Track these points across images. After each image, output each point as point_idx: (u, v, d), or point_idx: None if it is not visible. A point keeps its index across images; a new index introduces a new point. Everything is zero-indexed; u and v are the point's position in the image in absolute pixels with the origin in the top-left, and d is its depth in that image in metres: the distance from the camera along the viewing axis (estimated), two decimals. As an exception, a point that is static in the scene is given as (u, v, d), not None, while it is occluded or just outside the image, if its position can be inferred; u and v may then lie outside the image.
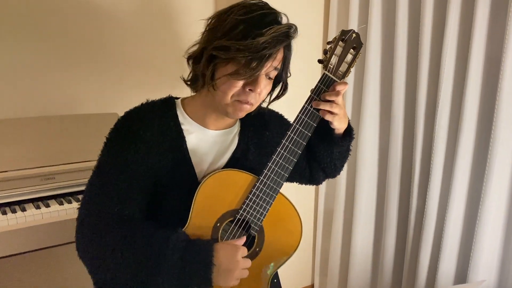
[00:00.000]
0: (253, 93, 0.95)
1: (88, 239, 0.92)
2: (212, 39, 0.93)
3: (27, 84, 1.58)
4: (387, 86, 1.91)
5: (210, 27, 0.96)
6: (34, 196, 1.41)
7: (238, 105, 0.96)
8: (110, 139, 0.99)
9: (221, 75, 0.93)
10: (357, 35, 1.00)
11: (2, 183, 1.35)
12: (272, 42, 0.89)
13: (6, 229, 1.27)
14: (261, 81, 0.95)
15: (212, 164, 1.05)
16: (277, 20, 0.94)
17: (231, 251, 0.92)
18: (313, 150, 1.16)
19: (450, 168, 1.65)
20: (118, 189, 0.94)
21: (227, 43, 0.89)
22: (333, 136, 1.10)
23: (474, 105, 1.54)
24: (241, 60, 0.90)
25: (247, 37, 0.89)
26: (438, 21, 1.64)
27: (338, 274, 2.26)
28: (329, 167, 1.20)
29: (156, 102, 1.04)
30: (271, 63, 0.94)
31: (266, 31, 0.89)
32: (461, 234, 1.66)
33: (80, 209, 0.96)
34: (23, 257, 1.64)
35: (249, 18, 0.90)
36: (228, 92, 0.94)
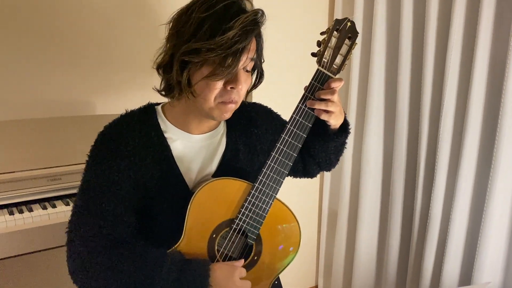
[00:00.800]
0: (235, 90, 0.90)
1: (78, 265, 0.89)
2: (179, 43, 0.86)
3: (33, 86, 1.60)
4: (391, 87, 1.91)
5: (173, 31, 0.89)
6: (41, 196, 1.42)
7: (223, 106, 0.91)
8: (91, 157, 0.95)
9: (198, 80, 0.87)
10: (352, 23, 0.93)
11: (9, 183, 1.36)
12: (242, 34, 0.83)
13: (14, 229, 1.28)
14: (241, 77, 0.89)
15: (201, 170, 1.01)
16: (241, 8, 0.87)
17: (227, 271, 0.89)
18: (308, 145, 1.10)
19: (455, 169, 1.65)
20: (103, 210, 0.90)
21: (197, 45, 0.83)
22: (329, 131, 1.05)
23: (479, 106, 1.53)
24: (215, 60, 0.84)
25: (216, 34, 0.82)
26: (443, 20, 1.64)
27: (342, 275, 2.26)
28: (324, 162, 1.15)
29: (135, 112, 0.99)
30: (247, 55, 0.88)
31: (233, 23, 0.82)
32: (466, 235, 1.65)
33: (67, 234, 0.93)
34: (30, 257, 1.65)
35: (212, 13, 0.84)
36: (209, 96, 0.88)
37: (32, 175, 1.39)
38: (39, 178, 1.41)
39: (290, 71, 1.99)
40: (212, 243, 0.95)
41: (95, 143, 0.96)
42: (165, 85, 0.96)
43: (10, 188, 1.36)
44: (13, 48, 1.54)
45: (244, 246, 0.99)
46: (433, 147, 1.73)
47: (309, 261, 2.44)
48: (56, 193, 1.44)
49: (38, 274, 1.73)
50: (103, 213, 0.90)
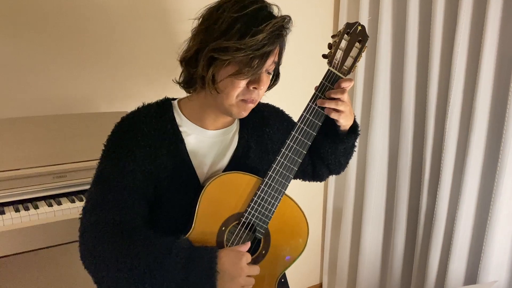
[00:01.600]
0: (256, 91, 0.93)
1: (91, 250, 0.91)
2: (208, 40, 0.89)
3: (39, 83, 1.60)
4: (397, 84, 1.90)
5: (202, 27, 0.92)
6: (46, 193, 1.42)
7: (243, 104, 0.95)
8: (108, 146, 0.98)
9: (223, 77, 0.90)
10: (363, 27, 0.97)
11: (15, 181, 1.36)
12: (271, 38, 0.87)
13: (20, 226, 1.29)
14: (264, 78, 0.93)
15: (213, 165, 1.03)
16: (271, 13, 0.91)
17: (235, 258, 0.90)
18: (317, 147, 1.13)
19: (460, 167, 1.64)
20: (118, 198, 0.92)
21: (226, 44, 0.86)
22: (339, 133, 1.08)
23: (486, 104, 1.53)
24: (242, 60, 0.87)
25: (246, 35, 0.86)
26: (449, 17, 1.63)
27: (347, 273, 2.26)
28: (334, 164, 1.17)
29: (152, 105, 1.02)
30: (272, 58, 0.92)
31: (264, 27, 0.86)
32: (472, 234, 1.64)
33: (81, 220, 0.95)
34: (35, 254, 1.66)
35: (244, 14, 0.87)
36: (232, 93, 0.92)
37: (38, 172, 1.40)
38: (45, 175, 1.41)
39: (296, 73, 1.99)
40: (221, 236, 0.97)
41: (112, 133, 0.99)
42: (187, 78, 0.99)
43: (15, 185, 1.37)
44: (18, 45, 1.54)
45: (253, 240, 1.00)
46: (439, 146, 1.72)
47: (314, 259, 2.44)
48: (62, 190, 1.44)
49: (44, 271, 1.74)
50: (116, 201, 0.92)
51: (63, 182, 1.44)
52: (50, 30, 1.59)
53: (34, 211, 1.34)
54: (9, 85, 1.55)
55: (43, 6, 1.55)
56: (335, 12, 2.14)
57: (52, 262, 1.75)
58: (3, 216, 1.29)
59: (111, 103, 1.73)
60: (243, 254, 0.91)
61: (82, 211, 0.96)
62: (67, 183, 1.44)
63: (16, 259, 1.66)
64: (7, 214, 1.30)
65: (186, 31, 1.00)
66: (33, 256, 1.69)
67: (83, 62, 1.66)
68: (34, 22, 1.55)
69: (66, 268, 1.78)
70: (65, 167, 1.44)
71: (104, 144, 0.99)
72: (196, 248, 0.90)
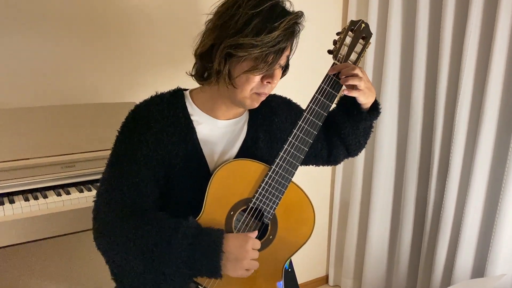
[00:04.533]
0: (269, 85, 0.97)
1: (103, 230, 0.94)
2: (224, 36, 0.91)
3: (48, 74, 1.61)
4: (406, 77, 1.89)
5: (218, 23, 0.94)
6: (55, 183, 1.44)
7: (256, 97, 0.98)
8: (121, 132, 1.01)
9: (238, 73, 0.93)
10: (366, 25, 1.00)
11: (24, 170, 1.38)
12: (286, 35, 0.90)
13: (29, 215, 1.30)
14: (278, 73, 0.96)
15: (222, 154, 1.06)
16: (285, 9, 0.94)
17: (241, 240, 0.92)
18: (338, 127, 1.16)
19: (469, 161, 1.63)
20: (130, 181, 0.96)
21: (243, 40, 0.89)
22: (361, 111, 1.10)
23: (496, 97, 1.51)
24: (258, 56, 0.90)
25: (261, 32, 0.88)
26: (460, 12, 1.61)
27: (353, 265, 2.26)
28: (354, 144, 1.19)
29: (165, 94, 1.05)
30: (286, 53, 0.95)
31: (279, 24, 0.89)
32: (480, 227, 1.64)
33: (95, 202, 0.99)
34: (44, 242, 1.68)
35: (260, 11, 0.89)
36: (247, 88, 0.95)
37: (47, 162, 1.41)
38: (54, 165, 1.42)
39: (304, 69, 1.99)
40: (230, 220, 0.99)
41: (126, 119, 1.02)
42: (200, 71, 1.01)
43: (25, 175, 1.38)
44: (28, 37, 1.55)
45: (260, 226, 1.03)
46: (447, 139, 1.71)
47: (320, 251, 2.44)
48: (70, 180, 1.46)
49: (53, 260, 1.76)
50: (129, 184, 0.96)
51: (72, 172, 1.45)
52: (59, 22, 1.59)
53: (43, 200, 1.35)
54: (20, 75, 1.56)
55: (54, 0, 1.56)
56: (344, 10, 2.13)
57: (60, 251, 1.77)
58: (13, 205, 1.30)
59: (119, 93, 1.74)
60: (250, 238, 0.93)
61: (95, 194, 1.00)
62: (75, 172, 1.45)
63: (25, 248, 1.68)
64: (16, 203, 1.31)
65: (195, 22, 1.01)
66: (42, 245, 1.71)
67: (92, 53, 1.66)
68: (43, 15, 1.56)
69: (74, 257, 1.80)
70: (74, 157, 1.45)
71: (118, 130, 1.02)
72: (203, 228, 0.93)
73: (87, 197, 1.40)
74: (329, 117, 1.08)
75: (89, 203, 1.40)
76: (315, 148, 1.18)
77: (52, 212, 1.33)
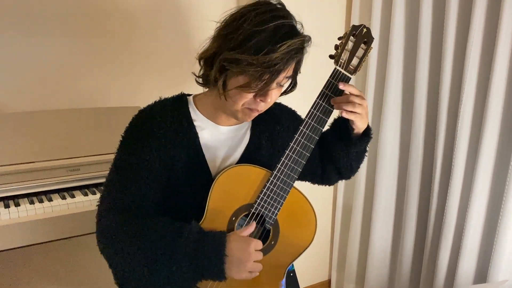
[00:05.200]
0: (263, 103, 0.96)
1: (106, 234, 0.95)
2: (224, 47, 0.91)
3: (53, 78, 1.62)
4: (409, 82, 1.89)
5: (222, 33, 0.93)
6: (60, 186, 1.45)
7: (248, 112, 0.98)
8: (125, 137, 1.02)
9: (233, 86, 0.93)
10: (368, 29, 1.00)
11: (29, 173, 1.39)
12: (284, 58, 0.88)
13: (34, 218, 1.31)
14: (272, 93, 0.95)
15: (224, 160, 1.06)
16: (292, 31, 0.91)
17: (244, 243, 0.93)
18: (329, 150, 1.16)
19: (472, 166, 1.63)
20: (134, 185, 0.96)
21: (240, 56, 0.88)
22: (352, 136, 1.10)
23: (498, 103, 1.51)
24: (253, 74, 0.89)
25: (260, 52, 0.87)
26: (463, 15, 1.61)
27: (356, 269, 2.26)
28: (345, 168, 1.19)
29: (168, 99, 1.06)
30: (284, 75, 0.93)
31: (279, 47, 0.87)
32: (482, 232, 1.63)
33: (98, 207, 1.00)
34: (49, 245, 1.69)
35: (262, 30, 0.87)
36: (238, 102, 0.95)
37: (52, 165, 1.42)
38: (59, 168, 1.44)
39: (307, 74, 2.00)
40: (232, 226, 1.00)
41: (130, 124, 1.03)
42: (203, 75, 1.02)
43: (30, 178, 1.40)
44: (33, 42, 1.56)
45: (262, 231, 1.03)
46: (450, 144, 1.71)
47: (323, 255, 2.44)
48: (75, 184, 1.47)
49: (57, 263, 1.77)
50: (132, 189, 0.96)
51: (77, 175, 1.46)
52: (65, 26, 1.61)
53: (48, 204, 1.36)
54: (25, 79, 1.58)
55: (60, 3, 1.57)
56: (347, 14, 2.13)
57: (65, 254, 1.78)
58: (18, 208, 1.31)
59: (124, 97, 1.75)
60: (252, 240, 0.94)
61: (99, 199, 1.00)
62: (80, 176, 1.47)
63: (30, 250, 1.69)
64: (22, 206, 1.33)
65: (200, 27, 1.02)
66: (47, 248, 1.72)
67: (97, 58, 1.68)
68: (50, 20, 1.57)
69: (78, 260, 1.81)
70: (79, 161, 1.46)
71: (122, 135, 1.03)
72: (206, 232, 0.93)
73: (91, 201, 1.41)
74: (321, 139, 1.08)
75: (93, 206, 1.41)
76: (311, 164, 1.17)
77: (57, 215, 1.35)
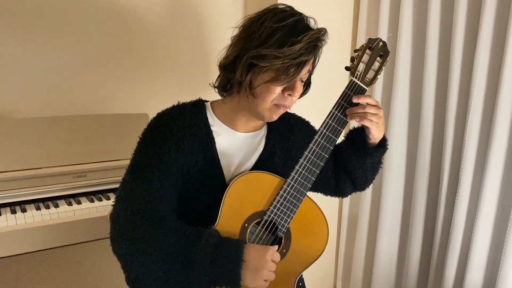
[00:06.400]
0: (290, 97, 0.99)
1: (122, 235, 0.95)
2: (248, 47, 0.95)
3: (61, 84, 1.64)
4: (416, 90, 1.89)
5: (243, 35, 0.97)
6: (66, 193, 1.46)
7: (276, 109, 1.00)
8: (143, 139, 1.03)
9: (260, 83, 0.96)
10: (384, 43, 1.02)
11: (36, 179, 1.40)
12: (308, 48, 0.92)
13: (40, 224, 1.31)
14: (299, 86, 0.98)
15: (239, 166, 1.07)
16: (308, 26, 0.97)
17: (261, 251, 0.93)
18: (345, 161, 1.16)
19: (480, 175, 1.62)
20: (150, 187, 0.97)
21: (266, 52, 0.92)
22: (368, 146, 1.11)
23: (507, 111, 1.50)
24: (279, 68, 0.92)
25: (284, 45, 0.91)
26: (471, 25, 1.61)
27: (361, 280, 2.24)
28: (360, 179, 1.19)
29: (187, 104, 1.07)
30: (308, 68, 0.97)
31: (301, 37, 0.91)
32: (490, 244, 1.62)
33: (114, 206, 1.00)
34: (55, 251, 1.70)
35: (283, 25, 0.93)
36: (267, 99, 0.97)
37: (59, 171, 1.43)
38: (65, 174, 1.44)
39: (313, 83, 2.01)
40: (244, 232, 1.00)
41: (148, 126, 1.04)
42: (223, 82, 1.04)
43: (37, 184, 1.40)
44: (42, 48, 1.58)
45: (274, 239, 1.03)
46: (458, 153, 1.70)
47: (328, 264, 2.43)
48: (81, 190, 1.47)
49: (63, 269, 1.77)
50: (148, 190, 0.97)
51: (83, 181, 1.47)
52: (74, 34, 1.62)
53: (54, 210, 1.37)
54: (33, 85, 1.59)
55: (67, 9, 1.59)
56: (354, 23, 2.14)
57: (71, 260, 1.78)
58: (25, 214, 1.32)
59: (132, 104, 1.76)
60: (269, 248, 0.94)
61: (115, 198, 1.01)
62: (86, 182, 1.47)
63: (36, 256, 1.69)
64: (28, 212, 1.33)
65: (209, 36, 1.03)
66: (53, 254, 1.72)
67: (103, 65, 1.69)
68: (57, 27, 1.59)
69: (85, 266, 1.81)
70: (85, 167, 1.47)
71: (139, 137, 1.04)
72: (224, 238, 0.94)
73: (97, 207, 1.42)
74: (336, 150, 1.10)
75: (100, 213, 1.41)
76: (324, 175, 1.18)
77: (63, 221, 1.35)
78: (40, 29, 1.56)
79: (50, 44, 1.59)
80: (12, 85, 1.56)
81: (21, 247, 1.29)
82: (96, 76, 1.68)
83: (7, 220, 1.28)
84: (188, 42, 1.83)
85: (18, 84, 1.57)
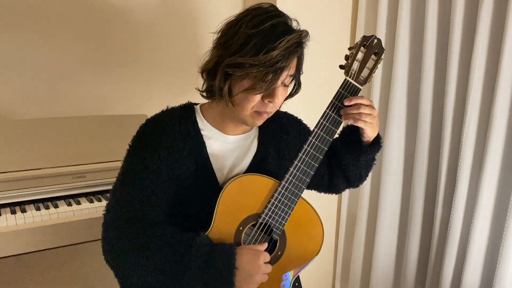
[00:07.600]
0: (271, 104, 0.96)
1: (114, 244, 0.94)
2: (225, 54, 0.92)
3: (61, 85, 1.64)
4: (414, 90, 1.89)
5: (221, 41, 0.95)
6: (66, 193, 1.46)
7: (257, 115, 0.98)
8: (133, 146, 1.02)
9: (238, 91, 0.94)
10: (379, 40, 1.00)
11: (35, 180, 1.40)
12: (285, 55, 0.89)
13: (40, 225, 1.32)
14: (278, 92, 0.95)
15: (232, 168, 1.06)
16: (288, 29, 0.93)
17: (253, 256, 0.93)
18: (338, 158, 1.16)
19: (477, 175, 1.63)
20: (141, 195, 0.96)
21: (241, 60, 0.89)
22: (362, 144, 1.10)
23: (504, 112, 1.51)
24: (257, 75, 0.90)
25: (260, 52, 0.88)
26: (468, 24, 1.62)
27: (360, 280, 2.25)
28: (354, 176, 1.19)
29: (176, 108, 1.06)
30: (287, 73, 0.94)
31: (278, 43, 0.88)
32: (487, 244, 1.63)
33: (105, 215, 0.99)
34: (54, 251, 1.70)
35: (259, 31, 0.89)
36: (247, 107, 0.95)
37: (58, 172, 1.43)
38: (65, 175, 1.45)
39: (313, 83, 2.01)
40: (239, 235, 1.00)
41: (138, 133, 1.03)
42: (207, 88, 1.02)
43: (37, 184, 1.41)
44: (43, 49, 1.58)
45: (269, 241, 1.02)
46: (455, 153, 1.71)
47: (327, 264, 2.43)
48: (81, 190, 1.48)
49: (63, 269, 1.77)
50: (140, 198, 0.96)
51: (83, 182, 1.47)
52: (73, 35, 1.62)
53: (54, 210, 1.37)
54: (32, 86, 1.60)
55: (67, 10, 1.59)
56: (353, 22, 2.14)
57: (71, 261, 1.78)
58: (24, 214, 1.32)
59: (131, 105, 1.77)
60: (261, 253, 0.94)
61: (106, 207, 1.00)
62: (86, 183, 1.47)
63: (35, 256, 1.69)
64: (28, 213, 1.34)
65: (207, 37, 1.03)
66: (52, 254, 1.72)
67: (103, 66, 1.70)
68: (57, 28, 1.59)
69: (84, 266, 1.82)
70: (85, 168, 1.47)
71: (129, 143, 1.03)
72: (216, 245, 0.93)
73: (97, 208, 1.42)
74: (330, 148, 1.09)
75: (99, 213, 1.42)
76: (318, 173, 1.17)
77: (62, 221, 1.35)
78: (40, 30, 1.57)
79: (49, 45, 1.59)
80: (12, 86, 1.56)
81: (21, 247, 1.29)
82: (95, 77, 1.69)
83: (7, 220, 1.29)
84: (187, 43, 1.84)
85: (17, 85, 1.57)
